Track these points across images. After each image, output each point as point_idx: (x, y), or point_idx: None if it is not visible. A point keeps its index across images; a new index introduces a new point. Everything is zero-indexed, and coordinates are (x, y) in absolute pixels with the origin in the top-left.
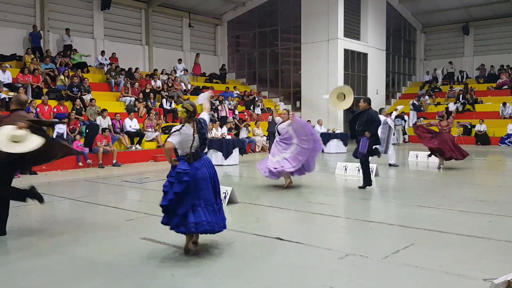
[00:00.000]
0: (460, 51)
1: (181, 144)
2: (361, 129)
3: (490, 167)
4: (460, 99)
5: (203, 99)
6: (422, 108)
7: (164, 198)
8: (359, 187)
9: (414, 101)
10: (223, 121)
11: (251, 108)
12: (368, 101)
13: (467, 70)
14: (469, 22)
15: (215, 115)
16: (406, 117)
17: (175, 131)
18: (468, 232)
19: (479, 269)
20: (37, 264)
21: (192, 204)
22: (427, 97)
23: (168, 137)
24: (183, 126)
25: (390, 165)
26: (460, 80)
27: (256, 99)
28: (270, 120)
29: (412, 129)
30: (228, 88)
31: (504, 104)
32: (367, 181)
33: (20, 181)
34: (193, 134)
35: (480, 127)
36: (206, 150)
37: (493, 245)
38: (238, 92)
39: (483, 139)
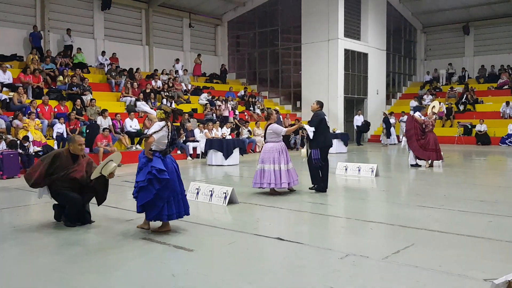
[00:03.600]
0: (460, 51)
1: (159, 140)
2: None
3: (490, 167)
4: (463, 99)
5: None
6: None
7: (143, 196)
8: (310, 188)
9: (415, 102)
10: (224, 121)
11: (251, 108)
12: (321, 104)
13: (468, 70)
14: (470, 22)
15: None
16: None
17: (159, 129)
18: (468, 232)
19: (480, 269)
20: (35, 264)
21: (167, 197)
22: (430, 96)
23: (153, 132)
24: (164, 126)
25: (411, 165)
26: (461, 79)
27: (257, 99)
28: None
29: None
30: (232, 88)
31: (508, 103)
32: (318, 183)
33: (22, 181)
34: (168, 134)
35: (480, 127)
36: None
37: (493, 245)
38: (243, 93)
39: (483, 139)
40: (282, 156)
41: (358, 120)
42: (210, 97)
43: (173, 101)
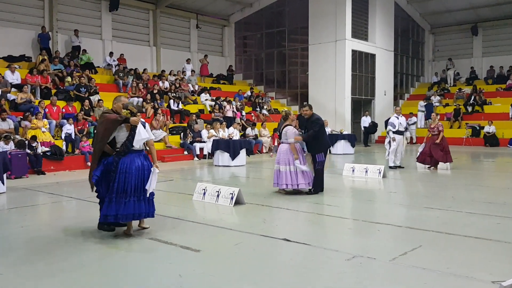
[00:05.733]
0: (468, 52)
1: (117, 138)
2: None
3: (498, 169)
4: (470, 101)
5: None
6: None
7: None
8: (307, 193)
9: (423, 103)
10: (230, 121)
11: (258, 109)
12: (311, 107)
13: (476, 71)
14: (478, 23)
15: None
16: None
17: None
18: (476, 234)
19: (488, 271)
20: (42, 264)
21: (109, 198)
22: (438, 97)
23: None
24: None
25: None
26: (469, 80)
27: (264, 99)
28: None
29: (421, 130)
30: (241, 91)
31: None
32: (321, 187)
33: (30, 181)
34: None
35: (488, 129)
36: (139, 147)
37: (501, 247)
38: (250, 93)
39: (491, 140)
40: (307, 157)
41: (365, 121)
42: (211, 97)
43: (180, 102)
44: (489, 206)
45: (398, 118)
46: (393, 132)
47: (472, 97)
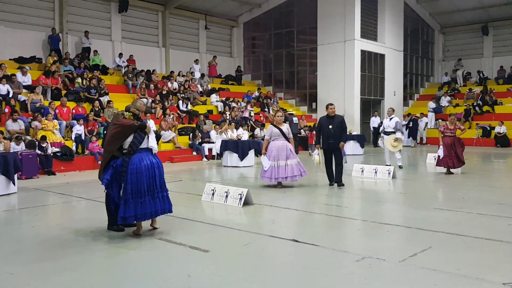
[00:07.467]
0: (479, 52)
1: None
2: (336, 134)
3: (509, 170)
4: (479, 101)
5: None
6: (441, 110)
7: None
8: (339, 187)
9: (433, 103)
10: (239, 123)
11: (266, 109)
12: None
13: (486, 71)
14: (489, 23)
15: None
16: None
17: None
18: (487, 235)
19: (498, 273)
20: (52, 263)
21: (124, 200)
22: (448, 97)
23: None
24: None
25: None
26: (481, 80)
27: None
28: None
29: (431, 130)
30: (250, 92)
31: None
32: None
33: (41, 181)
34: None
35: (499, 129)
36: (147, 146)
37: None
38: (257, 94)
39: (502, 141)
40: (281, 153)
41: (374, 121)
42: (221, 98)
43: (188, 103)
44: (500, 207)
45: (386, 119)
46: (383, 133)
47: (480, 97)
